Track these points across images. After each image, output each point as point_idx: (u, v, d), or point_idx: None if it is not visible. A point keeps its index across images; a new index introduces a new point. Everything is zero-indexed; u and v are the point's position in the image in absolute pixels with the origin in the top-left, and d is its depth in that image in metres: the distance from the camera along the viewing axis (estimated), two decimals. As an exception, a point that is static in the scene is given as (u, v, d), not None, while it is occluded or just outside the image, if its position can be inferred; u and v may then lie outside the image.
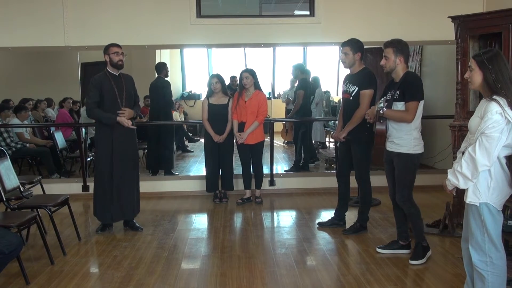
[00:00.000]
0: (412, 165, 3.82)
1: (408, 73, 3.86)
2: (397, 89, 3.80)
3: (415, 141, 3.79)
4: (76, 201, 5.86)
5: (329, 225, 4.84)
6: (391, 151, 3.87)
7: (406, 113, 3.73)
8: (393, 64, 3.82)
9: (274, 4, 7.15)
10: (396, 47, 3.80)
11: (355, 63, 4.50)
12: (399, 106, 3.78)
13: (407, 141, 3.78)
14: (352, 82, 4.52)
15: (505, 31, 4.15)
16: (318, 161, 7.51)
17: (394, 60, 3.80)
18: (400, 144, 3.80)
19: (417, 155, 3.81)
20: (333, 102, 8.28)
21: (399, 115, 3.76)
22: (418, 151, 3.81)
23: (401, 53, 3.80)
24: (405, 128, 3.77)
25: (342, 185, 4.80)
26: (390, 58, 3.81)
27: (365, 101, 4.39)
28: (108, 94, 4.56)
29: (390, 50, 3.81)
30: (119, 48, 4.61)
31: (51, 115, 7.57)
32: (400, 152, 3.81)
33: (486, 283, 2.70)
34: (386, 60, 3.83)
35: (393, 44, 3.83)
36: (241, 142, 5.62)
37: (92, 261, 4.07)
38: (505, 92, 2.60)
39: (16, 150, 6.59)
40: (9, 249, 3.12)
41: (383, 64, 3.87)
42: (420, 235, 3.89)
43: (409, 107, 3.73)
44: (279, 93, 8.99)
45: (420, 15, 6.32)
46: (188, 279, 3.64)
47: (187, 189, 6.40)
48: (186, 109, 9.00)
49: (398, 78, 3.84)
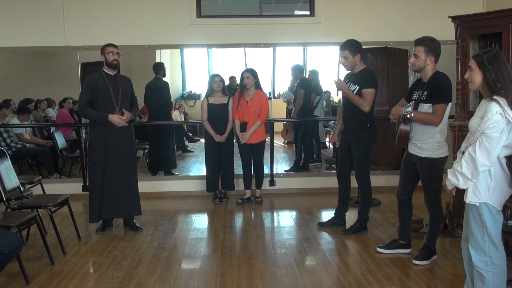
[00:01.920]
0: (435, 169, 3.69)
1: (437, 73, 3.66)
2: (424, 89, 3.66)
3: (439, 144, 3.64)
4: (76, 201, 5.86)
5: (329, 225, 4.83)
6: (414, 154, 3.75)
7: (434, 115, 3.57)
8: (423, 64, 3.63)
9: (274, 4, 7.15)
10: (428, 46, 3.60)
11: (356, 64, 4.49)
12: (425, 108, 3.63)
13: (430, 145, 3.65)
14: (353, 81, 4.49)
15: (505, 31, 4.15)
16: (319, 162, 7.50)
17: (425, 59, 3.61)
18: (422, 148, 3.68)
19: (441, 159, 3.68)
20: (333, 102, 8.29)
21: (426, 117, 3.59)
22: (442, 155, 3.67)
23: (432, 52, 3.61)
24: (429, 131, 3.63)
25: (343, 185, 4.79)
26: (421, 57, 3.61)
27: (368, 98, 4.35)
28: (102, 94, 4.55)
29: (422, 48, 3.61)
30: (115, 48, 4.60)
31: (51, 115, 7.58)
32: (422, 157, 3.68)
33: (486, 283, 2.70)
34: (416, 58, 3.63)
35: (425, 42, 3.61)
36: (244, 142, 5.63)
37: (92, 261, 4.07)
38: (505, 92, 2.60)
39: (16, 150, 6.60)
40: (9, 249, 3.12)
41: (412, 62, 3.67)
42: (433, 239, 3.86)
43: (437, 110, 3.57)
44: (279, 93, 9.01)
45: (420, 15, 6.32)
46: (188, 279, 3.64)
47: (187, 189, 6.40)
48: (186, 109, 9.01)
49: (427, 78, 3.66)
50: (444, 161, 3.74)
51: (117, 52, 4.59)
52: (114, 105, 4.57)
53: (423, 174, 3.75)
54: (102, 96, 4.55)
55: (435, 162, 3.67)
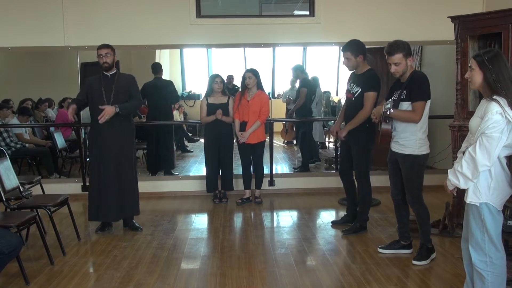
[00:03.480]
0: (418, 166, 3.76)
1: (415, 72, 3.79)
2: (404, 88, 3.74)
3: (420, 141, 3.73)
4: (76, 201, 5.85)
5: (342, 223, 4.85)
6: (396, 152, 3.83)
7: (413, 113, 3.67)
8: (405, 67, 3.72)
9: (273, 4, 7.15)
10: (404, 50, 3.68)
11: (359, 65, 4.50)
12: (405, 106, 3.73)
13: (412, 142, 3.73)
14: (356, 83, 4.51)
15: (505, 31, 4.15)
16: (319, 161, 7.50)
17: (405, 63, 3.71)
18: (405, 145, 3.76)
19: (423, 156, 3.76)
20: (332, 102, 8.29)
21: (406, 115, 3.70)
22: (424, 152, 3.76)
23: (409, 54, 3.72)
24: (410, 129, 3.72)
25: (347, 183, 4.82)
26: (402, 63, 3.70)
27: (369, 103, 4.37)
28: (94, 93, 4.60)
29: (400, 55, 3.68)
30: (105, 48, 4.57)
31: (51, 116, 7.57)
32: (405, 154, 3.76)
33: (486, 283, 2.70)
34: (397, 66, 3.71)
35: (400, 48, 3.68)
36: (243, 141, 5.63)
37: (91, 261, 4.07)
38: (505, 92, 2.60)
39: (16, 150, 6.59)
40: (8, 249, 3.12)
41: (394, 71, 3.74)
42: (427, 237, 3.87)
43: (416, 107, 3.67)
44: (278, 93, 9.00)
45: (420, 15, 6.32)
46: (187, 279, 3.64)
47: (187, 189, 6.40)
48: (186, 109, 8.99)
49: (405, 78, 3.76)
50: (426, 158, 3.82)
51: (106, 53, 4.55)
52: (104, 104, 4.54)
53: (405, 171, 3.80)
54: (93, 96, 4.60)
55: (417, 159, 3.75)
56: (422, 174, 3.82)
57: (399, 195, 3.97)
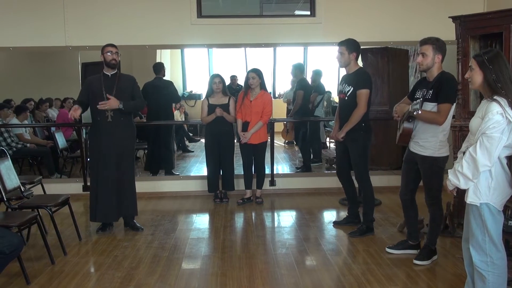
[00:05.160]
0: (437, 168, 3.68)
1: (443, 73, 3.66)
2: (430, 88, 3.64)
3: (441, 143, 3.65)
4: (77, 201, 5.85)
5: (345, 223, 4.83)
6: (415, 152, 3.75)
7: (438, 115, 3.55)
8: (431, 62, 3.61)
9: (274, 4, 7.15)
10: (435, 44, 3.59)
11: (350, 63, 4.50)
12: (429, 107, 3.62)
13: (432, 144, 3.64)
14: (347, 82, 4.52)
15: (506, 31, 4.15)
16: (320, 162, 7.49)
17: (433, 57, 3.60)
18: (424, 147, 3.67)
19: (443, 158, 3.68)
20: (333, 102, 8.28)
21: (431, 116, 3.58)
22: (443, 154, 3.67)
23: (440, 51, 3.61)
24: (432, 130, 3.62)
25: (345, 183, 4.81)
26: (429, 55, 3.59)
27: (363, 101, 4.38)
28: (95, 93, 4.57)
29: (429, 47, 3.59)
30: (114, 47, 4.61)
31: (52, 116, 7.58)
32: (425, 155, 3.68)
33: (486, 283, 2.70)
34: (424, 57, 3.61)
35: (431, 41, 3.61)
36: (245, 141, 5.63)
37: (92, 261, 4.07)
38: (505, 92, 2.60)
39: (17, 150, 6.60)
40: (9, 249, 3.12)
41: (419, 62, 3.65)
42: (434, 239, 3.86)
43: (442, 109, 3.55)
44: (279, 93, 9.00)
45: (420, 15, 6.32)
46: (188, 279, 3.64)
47: (188, 189, 6.40)
48: (187, 109, 9.00)
49: (432, 77, 3.65)
50: (445, 160, 3.74)
51: (115, 51, 4.59)
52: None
53: (424, 173, 3.75)
54: (94, 95, 4.58)
55: (436, 161, 3.67)
56: (442, 176, 3.66)
57: (407, 195, 3.94)
